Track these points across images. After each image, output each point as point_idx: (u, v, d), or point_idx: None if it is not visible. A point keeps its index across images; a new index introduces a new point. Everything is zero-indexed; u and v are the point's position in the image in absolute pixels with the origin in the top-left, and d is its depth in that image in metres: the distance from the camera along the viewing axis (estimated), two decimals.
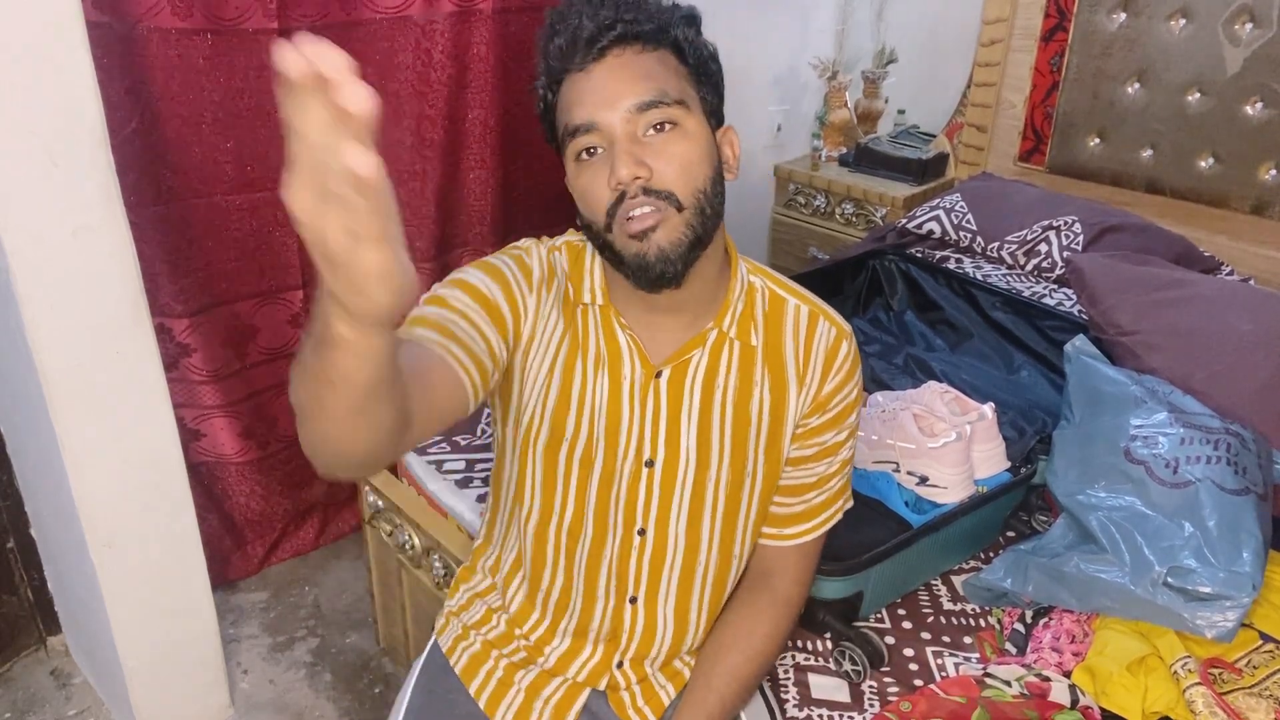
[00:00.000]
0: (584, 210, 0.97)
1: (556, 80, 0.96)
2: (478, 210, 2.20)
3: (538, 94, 0.99)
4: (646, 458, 1.06)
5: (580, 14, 0.93)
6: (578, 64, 0.93)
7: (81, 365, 1.44)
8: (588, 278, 1.04)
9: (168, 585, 1.68)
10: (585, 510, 1.08)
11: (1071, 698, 1.28)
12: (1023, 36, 2.51)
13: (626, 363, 1.03)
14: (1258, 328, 1.70)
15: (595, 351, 1.03)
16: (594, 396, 1.04)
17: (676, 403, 1.05)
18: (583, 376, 1.03)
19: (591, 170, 0.94)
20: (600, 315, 1.03)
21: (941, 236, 2.38)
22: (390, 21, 1.90)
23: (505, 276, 1.01)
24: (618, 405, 1.04)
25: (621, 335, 1.03)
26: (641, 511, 1.08)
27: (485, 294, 0.99)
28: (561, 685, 1.15)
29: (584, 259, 1.05)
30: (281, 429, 2.12)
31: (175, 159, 1.75)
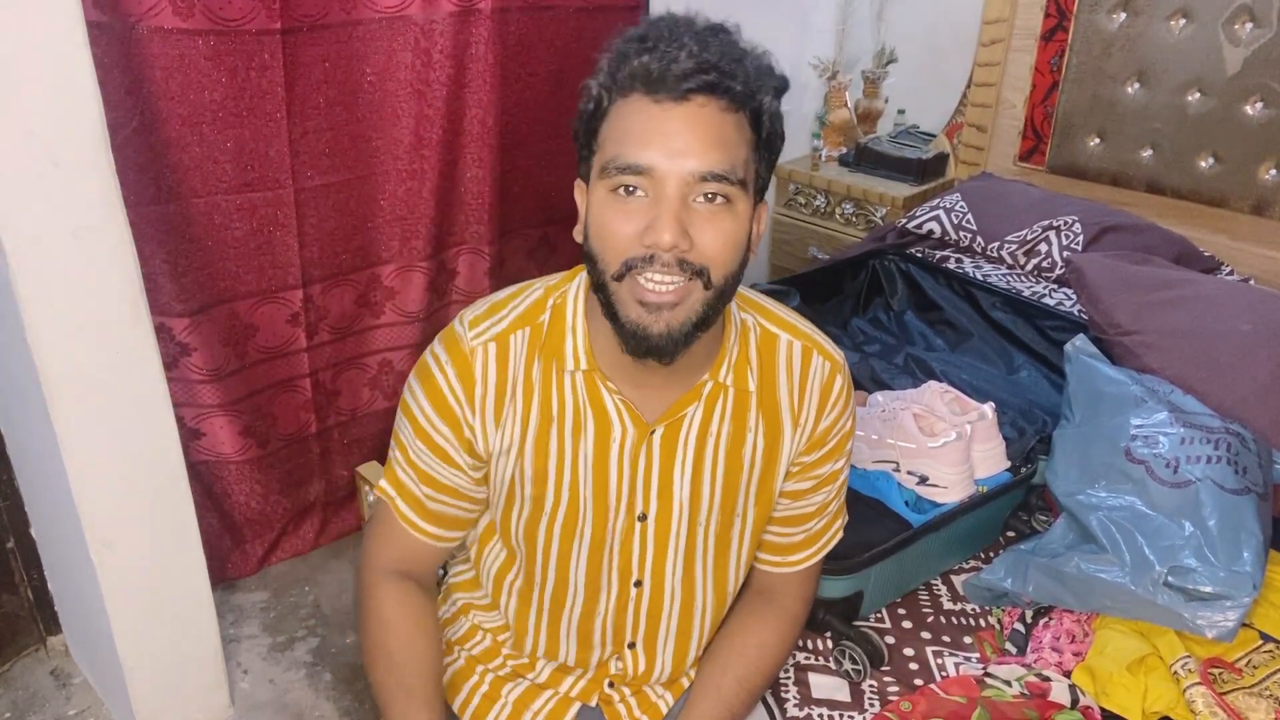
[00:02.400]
0: (597, 246, 0.90)
1: (623, 92, 0.88)
2: (476, 209, 2.19)
3: (591, 92, 0.91)
4: (639, 513, 1.04)
5: (682, 43, 0.85)
6: (657, 95, 0.85)
7: (81, 365, 1.44)
8: (569, 340, 0.98)
9: (168, 585, 1.68)
10: (571, 576, 1.07)
11: (1071, 697, 1.28)
12: (1023, 36, 2.51)
13: (616, 425, 1.00)
14: (1258, 328, 1.70)
15: (574, 419, 1.00)
16: (574, 464, 1.01)
17: (669, 457, 1.02)
18: (559, 448, 1.00)
19: (625, 211, 0.87)
20: (585, 380, 0.99)
21: (941, 236, 2.38)
22: (390, 21, 1.90)
23: (455, 415, 1.00)
24: (604, 468, 1.01)
25: (609, 399, 0.99)
26: (637, 564, 1.07)
27: (447, 451, 1.02)
28: (551, 698, 1.14)
29: (565, 319, 0.99)
30: (281, 428, 2.12)
31: (175, 159, 1.75)
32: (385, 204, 2.07)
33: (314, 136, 1.89)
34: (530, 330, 0.98)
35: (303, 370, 2.09)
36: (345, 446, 2.26)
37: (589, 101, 0.91)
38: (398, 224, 2.10)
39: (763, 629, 1.14)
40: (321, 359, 2.12)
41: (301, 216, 1.94)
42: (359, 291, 2.13)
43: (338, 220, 2.01)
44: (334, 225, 2.01)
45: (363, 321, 2.17)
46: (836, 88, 2.89)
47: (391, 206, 2.08)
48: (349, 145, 1.96)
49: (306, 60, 1.82)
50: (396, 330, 2.21)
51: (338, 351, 2.15)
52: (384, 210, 2.07)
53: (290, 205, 1.91)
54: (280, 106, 1.81)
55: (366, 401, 2.25)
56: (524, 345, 0.98)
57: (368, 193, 2.04)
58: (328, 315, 2.09)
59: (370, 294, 2.15)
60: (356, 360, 2.19)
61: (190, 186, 1.79)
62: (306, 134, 1.88)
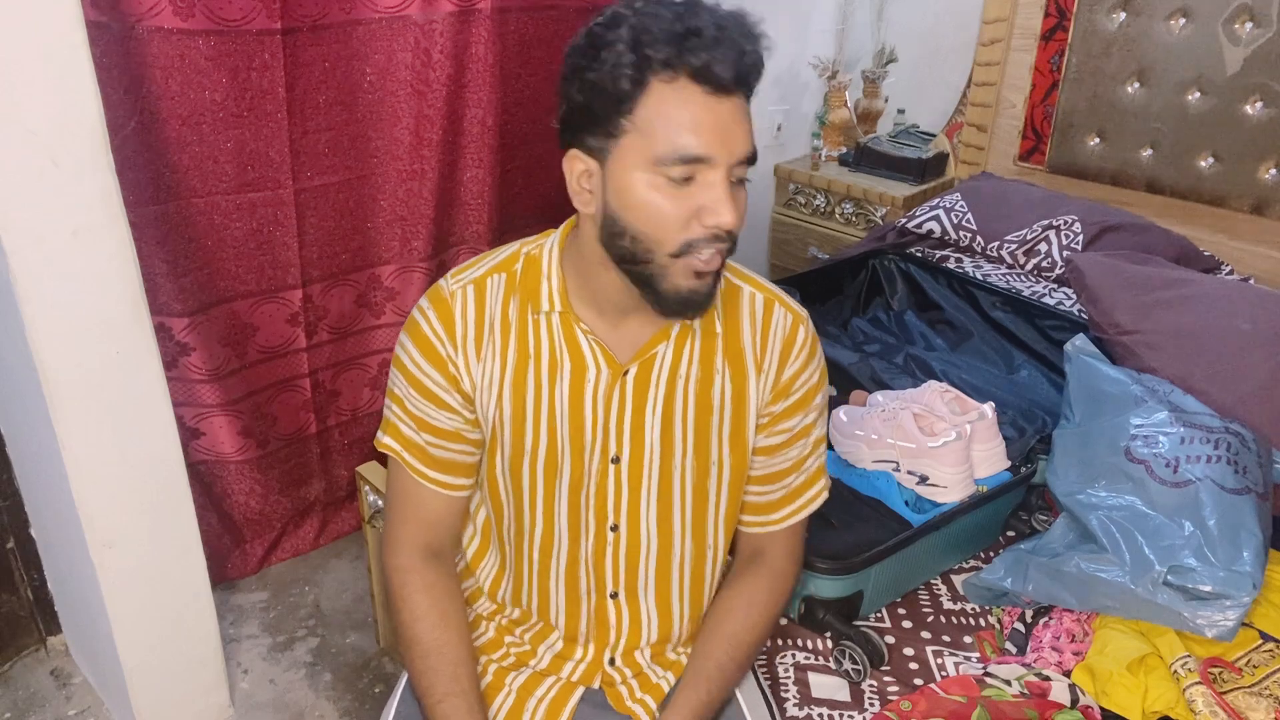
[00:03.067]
0: (647, 227, 0.93)
1: (667, 77, 0.88)
2: (475, 209, 2.20)
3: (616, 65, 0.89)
4: (612, 455, 1.08)
5: (734, 42, 0.89)
6: (710, 89, 0.89)
7: (81, 365, 1.44)
8: (545, 285, 1.04)
9: (168, 585, 1.68)
10: (556, 516, 1.10)
11: (1071, 697, 1.28)
12: (1023, 36, 2.51)
13: (590, 366, 1.05)
14: (1258, 328, 1.70)
15: (550, 359, 1.05)
16: (551, 404, 1.06)
17: (641, 398, 1.06)
18: (536, 388, 1.05)
19: (680, 197, 0.91)
20: (560, 322, 1.04)
21: (941, 236, 2.38)
22: (389, 21, 1.90)
23: (439, 355, 1.05)
24: (580, 408, 1.06)
25: (584, 340, 1.04)
26: (613, 508, 1.09)
27: (438, 395, 1.06)
28: (554, 685, 1.15)
29: (540, 266, 1.05)
30: (280, 427, 2.12)
31: (175, 158, 1.75)
32: (385, 204, 2.07)
33: (314, 136, 1.89)
34: (506, 276, 1.05)
35: (302, 370, 2.09)
36: (346, 447, 2.26)
37: (615, 75, 0.89)
38: (398, 224, 2.10)
39: (751, 585, 1.16)
40: (321, 359, 2.12)
41: (301, 216, 1.94)
42: (359, 291, 2.13)
43: (338, 220, 2.01)
44: (334, 225, 2.01)
45: (363, 321, 2.17)
46: (836, 88, 2.89)
47: (391, 206, 2.08)
48: (349, 145, 1.96)
49: (306, 60, 1.82)
50: (397, 330, 2.21)
51: (337, 351, 2.15)
52: (384, 210, 2.07)
53: (290, 205, 1.92)
54: (280, 106, 1.81)
55: (367, 402, 2.25)
56: (500, 288, 1.05)
57: (368, 193, 2.04)
58: (327, 315, 2.09)
59: (370, 294, 2.15)
60: (357, 360, 2.19)
61: (190, 186, 1.79)
62: (306, 134, 1.88)
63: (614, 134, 0.92)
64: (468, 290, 1.05)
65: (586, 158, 0.95)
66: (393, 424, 1.09)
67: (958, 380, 1.95)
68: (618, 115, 0.91)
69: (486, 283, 1.05)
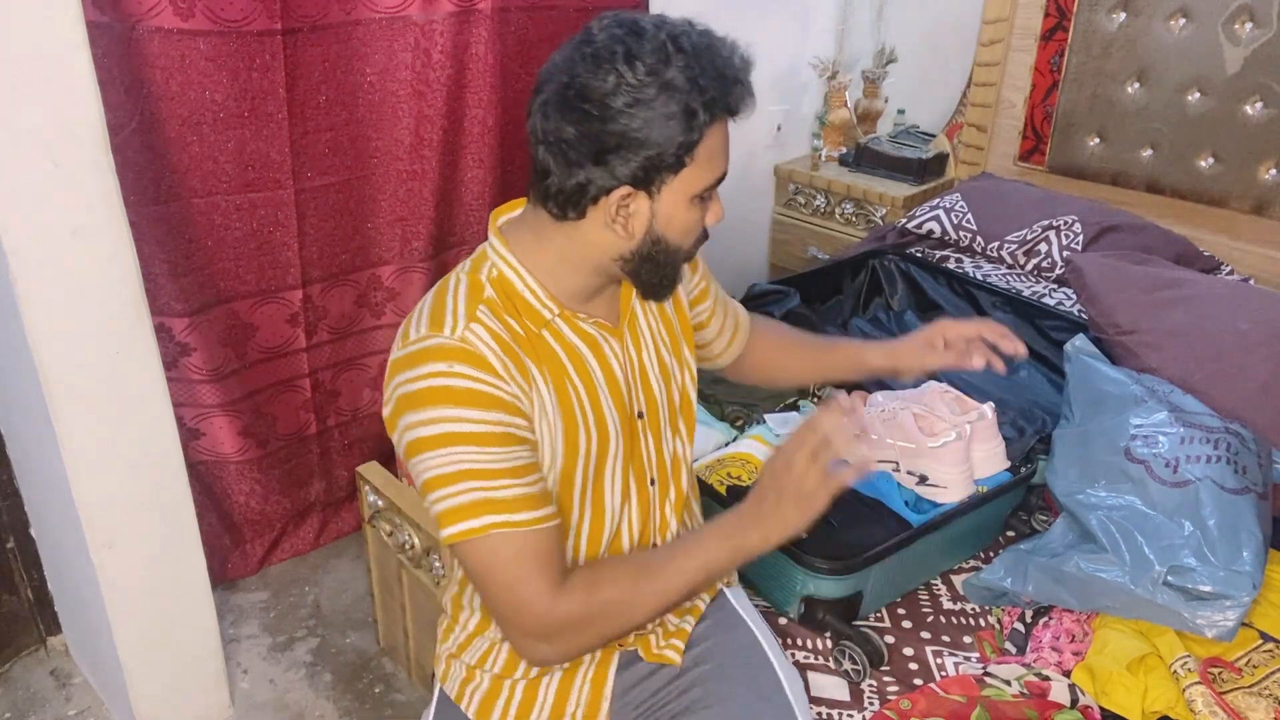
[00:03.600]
0: (682, 242, 1.03)
1: (719, 118, 0.97)
2: (476, 209, 2.20)
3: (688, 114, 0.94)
4: (638, 411, 1.12)
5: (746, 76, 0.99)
6: (734, 119, 0.99)
7: (81, 365, 1.44)
8: (531, 298, 1.04)
9: (168, 585, 1.68)
10: (605, 499, 1.11)
11: (1071, 697, 1.28)
12: (1023, 36, 2.51)
13: (604, 344, 1.09)
14: (1258, 328, 1.70)
15: (572, 357, 1.06)
16: (594, 397, 1.07)
17: (638, 349, 1.13)
18: (575, 390, 1.06)
19: (701, 209, 1.03)
20: (563, 321, 1.06)
21: (941, 236, 2.38)
22: (390, 21, 1.90)
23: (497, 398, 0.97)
24: (615, 385, 1.09)
25: (587, 325, 1.08)
26: (648, 463, 1.15)
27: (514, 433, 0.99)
28: (591, 662, 1.15)
29: (514, 285, 1.04)
30: (281, 428, 2.12)
31: (175, 159, 1.75)
32: (385, 204, 2.07)
33: (314, 137, 1.90)
34: (487, 305, 1.02)
35: (302, 370, 2.09)
36: (346, 447, 2.26)
37: (687, 125, 0.95)
38: (398, 224, 2.10)
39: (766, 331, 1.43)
40: (321, 359, 2.12)
41: (301, 216, 1.94)
42: (359, 292, 2.13)
43: (338, 220, 2.01)
44: (334, 225, 2.01)
45: (363, 322, 2.17)
46: (836, 88, 2.89)
47: (392, 207, 2.08)
48: (349, 145, 1.96)
49: (307, 61, 1.82)
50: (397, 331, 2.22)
51: (338, 352, 2.15)
52: (384, 210, 2.08)
53: (290, 205, 1.92)
54: (281, 107, 1.81)
55: (368, 402, 2.25)
56: (492, 318, 1.01)
57: (368, 193, 2.04)
58: (327, 315, 2.09)
59: (371, 294, 2.15)
60: (357, 361, 2.19)
61: (190, 186, 1.79)
62: (307, 134, 1.88)
63: (674, 170, 0.97)
64: (475, 330, 0.98)
65: (634, 189, 0.98)
66: (477, 502, 0.95)
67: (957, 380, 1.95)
68: (683, 154, 0.96)
69: (480, 318, 0.99)
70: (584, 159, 0.95)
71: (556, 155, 0.96)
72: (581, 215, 0.99)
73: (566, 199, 0.98)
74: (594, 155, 0.95)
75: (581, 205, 0.98)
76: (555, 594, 0.98)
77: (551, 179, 0.98)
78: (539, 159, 0.98)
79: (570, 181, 0.97)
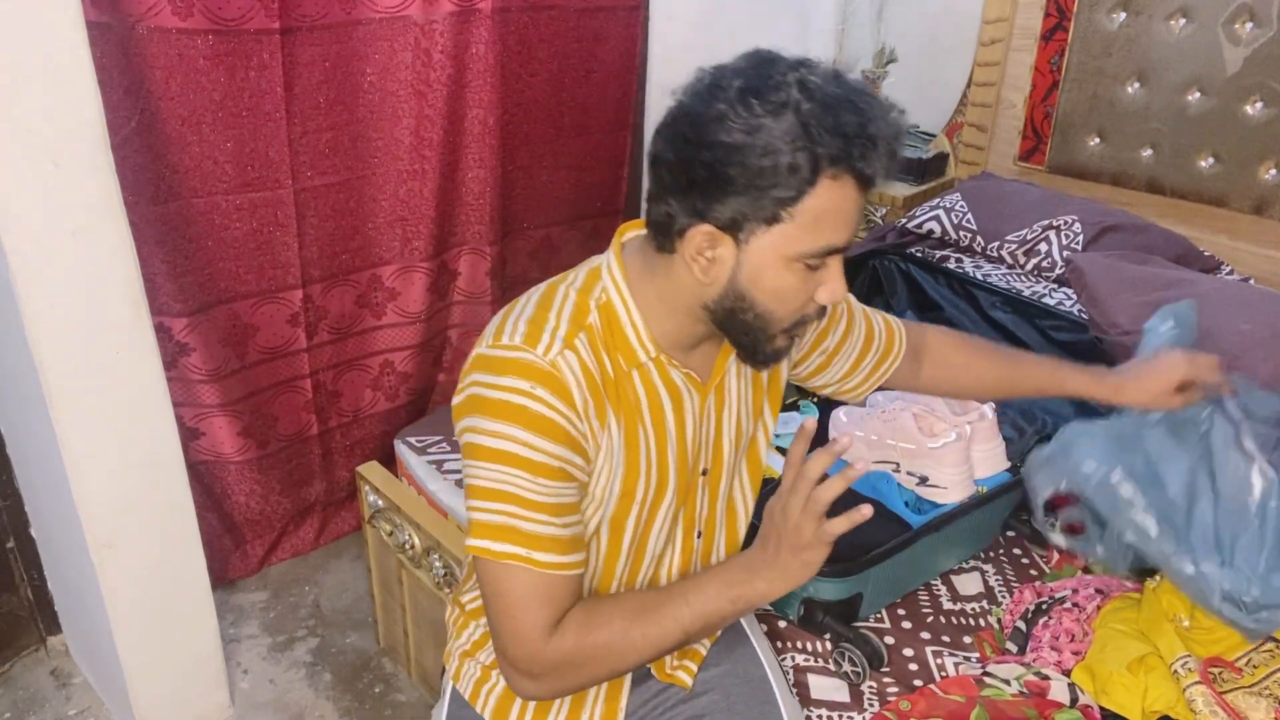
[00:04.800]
0: (772, 304, 0.94)
1: (837, 174, 0.87)
2: (477, 210, 2.20)
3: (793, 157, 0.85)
4: (703, 468, 1.10)
5: (892, 144, 0.89)
6: (863, 186, 0.89)
7: (81, 365, 1.44)
8: (631, 335, 0.99)
9: (168, 585, 1.68)
10: (648, 546, 1.09)
11: (1071, 696, 1.28)
12: (1023, 36, 2.51)
13: (685, 395, 1.04)
14: (1258, 328, 1.70)
15: (652, 403, 1.02)
16: (661, 447, 1.04)
17: (720, 409, 1.09)
18: (645, 437, 1.02)
19: (809, 279, 0.93)
20: (655, 366, 1.01)
21: (941, 236, 2.38)
22: (390, 21, 1.90)
23: (566, 433, 0.95)
24: (683, 438, 1.05)
25: (676, 374, 1.03)
26: (700, 517, 1.13)
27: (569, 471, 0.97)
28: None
29: (618, 318, 0.99)
30: (280, 428, 2.12)
31: (175, 159, 1.75)
32: (386, 204, 2.07)
33: (314, 136, 1.90)
34: (586, 333, 0.97)
35: (303, 371, 2.09)
36: (346, 447, 2.26)
37: (788, 177, 0.86)
38: (398, 224, 2.10)
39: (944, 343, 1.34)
40: (322, 359, 2.12)
41: (301, 216, 1.94)
42: (359, 292, 2.13)
43: (338, 220, 2.01)
44: (334, 225, 2.01)
45: (364, 322, 2.17)
46: None
47: (392, 207, 2.08)
48: (349, 145, 1.96)
49: (306, 60, 1.82)
50: (398, 331, 2.22)
51: (338, 352, 2.15)
52: (384, 210, 2.07)
53: (290, 205, 1.92)
54: (279, 106, 1.81)
55: (369, 403, 2.25)
56: (588, 348, 0.97)
57: (368, 193, 2.04)
58: (327, 315, 2.09)
59: (371, 294, 2.15)
60: (358, 361, 2.19)
61: (190, 186, 1.79)
62: (306, 134, 1.88)
63: (768, 222, 0.89)
64: (567, 357, 0.94)
65: (719, 232, 0.91)
66: (508, 527, 0.94)
67: None
68: (779, 207, 0.88)
69: (577, 347, 0.96)
70: (674, 187, 0.90)
71: (654, 179, 0.92)
72: (671, 250, 0.94)
73: (659, 228, 0.94)
74: (683, 185, 0.89)
75: (670, 238, 0.93)
76: (549, 633, 0.96)
77: (652, 205, 0.94)
78: (648, 183, 0.95)
79: (661, 210, 0.92)
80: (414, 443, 1.88)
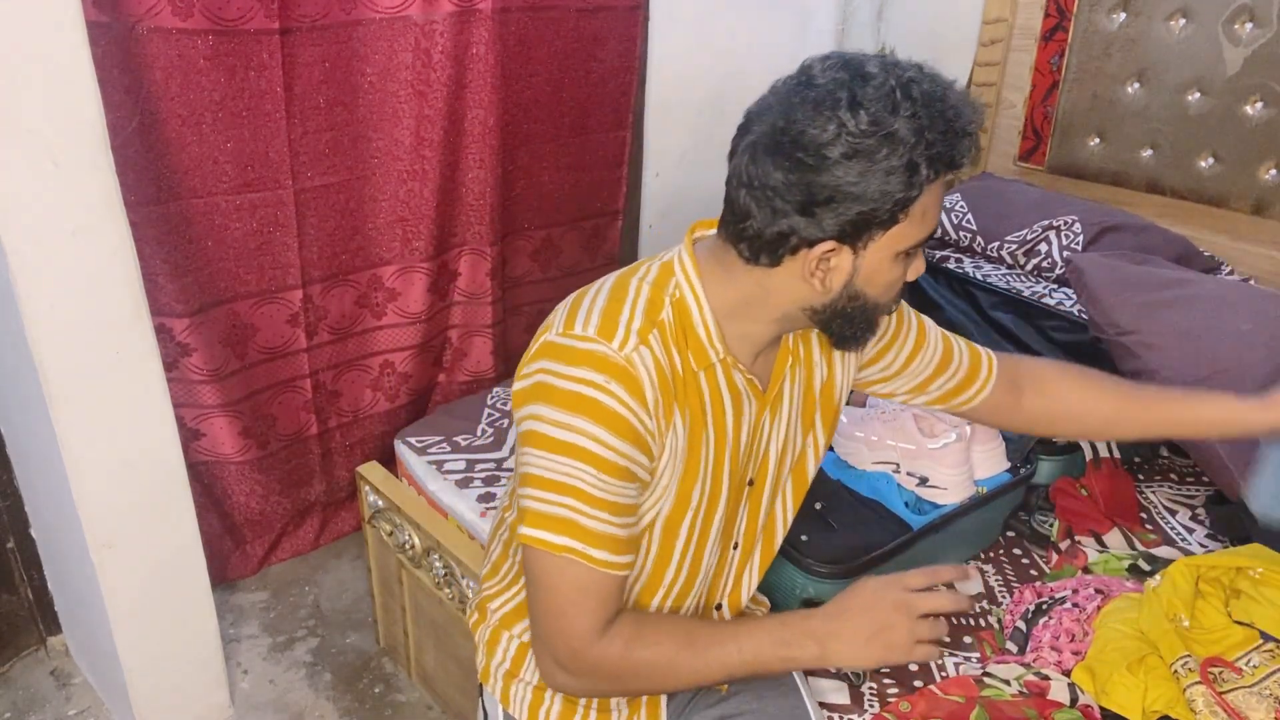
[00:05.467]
0: (882, 297, 0.97)
1: (938, 178, 0.90)
2: (477, 210, 2.20)
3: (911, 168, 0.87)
4: (749, 478, 1.09)
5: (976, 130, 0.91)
6: (952, 175, 0.93)
7: (81, 365, 1.44)
8: (703, 335, 0.99)
9: (168, 585, 1.68)
10: (687, 554, 1.08)
11: (1071, 696, 1.28)
12: (1023, 36, 2.51)
13: (746, 402, 1.04)
14: (1258, 328, 1.70)
15: (715, 407, 1.01)
16: (718, 451, 1.03)
17: (773, 417, 1.08)
18: (706, 440, 1.02)
19: (904, 264, 0.97)
20: (721, 367, 1.01)
21: (941, 236, 2.38)
22: (390, 21, 1.90)
23: (636, 431, 0.94)
24: (738, 445, 1.05)
25: (740, 379, 1.02)
26: (740, 529, 1.13)
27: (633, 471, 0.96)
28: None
29: (691, 316, 0.99)
30: (281, 428, 2.12)
31: (175, 159, 1.75)
32: (386, 204, 2.07)
33: (314, 137, 1.90)
34: (659, 328, 0.97)
35: (303, 371, 2.09)
36: (346, 448, 2.26)
37: (908, 181, 0.87)
38: (398, 225, 2.10)
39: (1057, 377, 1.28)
40: (322, 359, 2.12)
41: (301, 217, 1.95)
42: (359, 292, 2.13)
43: (338, 221, 2.01)
44: (334, 226, 2.01)
45: (363, 322, 2.17)
46: None
47: (392, 207, 2.08)
48: (349, 145, 1.96)
49: (306, 60, 1.82)
50: (398, 331, 2.22)
51: (338, 352, 2.15)
52: (384, 211, 2.08)
53: (290, 205, 1.92)
54: (279, 106, 1.81)
55: (369, 403, 2.25)
56: (660, 344, 0.96)
57: (368, 193, 2.04)
58: (327, 316, 2.09)
59: (371, 295, 2.15)
60: (358, 361, 2.19)
61: (190, 187, 1.79)
62: (306, 134, 1.88)
63: (886, 226, 0.91)
64: (642, 353, 0.94)
65: (839, 244, 0.92)
66: (568, 520, 0.93)
67: None
68: (899, 210, 0.89)
69: (651, 342, 0.95)
70: (790, 208, 0.89)
71: (760, 200, 0.90)
72: (776, 263, 0.94)
73: (763, 245, 0.93)
74: (802, 205, 0.89)
75: (779, 254, 0.93)
76: (598, 635, 0.95)
77: (750, 223, 0.92)
78: (739, 201, 0.92)
79: (771, 229, 0.91)
80: (414, 443, 1.88)
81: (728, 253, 0.97)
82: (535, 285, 2.51)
